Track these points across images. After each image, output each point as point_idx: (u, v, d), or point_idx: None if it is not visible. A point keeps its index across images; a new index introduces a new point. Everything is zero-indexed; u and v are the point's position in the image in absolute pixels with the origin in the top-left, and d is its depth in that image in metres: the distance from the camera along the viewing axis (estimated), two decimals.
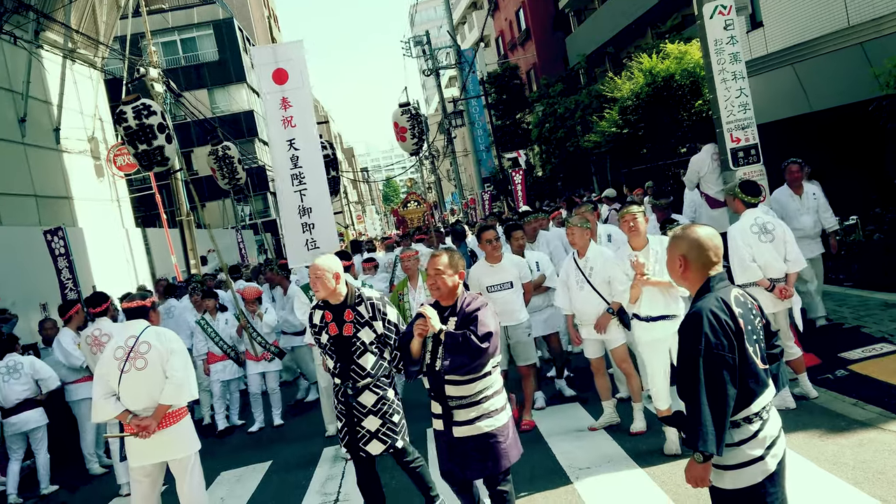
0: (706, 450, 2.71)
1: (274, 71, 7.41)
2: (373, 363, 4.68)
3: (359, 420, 4.68)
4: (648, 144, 17.97)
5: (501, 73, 35.90)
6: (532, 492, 5.29)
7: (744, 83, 7.91)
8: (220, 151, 14.37)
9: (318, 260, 4.75)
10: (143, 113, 8.61)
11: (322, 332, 4.77)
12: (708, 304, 2.82)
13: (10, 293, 11.72)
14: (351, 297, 4.75)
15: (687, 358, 2.79)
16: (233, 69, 41.97)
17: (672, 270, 3.04)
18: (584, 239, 6.28)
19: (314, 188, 7.43)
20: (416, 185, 69.64)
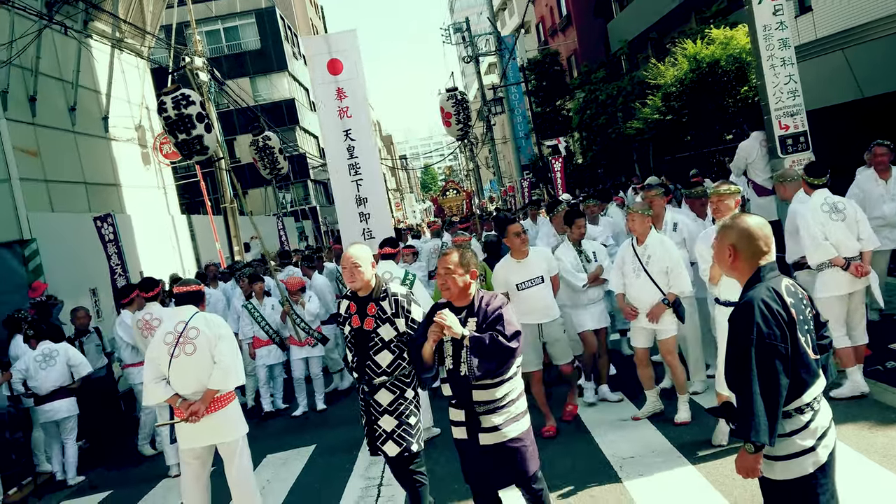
0: (759, 440, 2.69)
1: (328, 61, 7.39)
2: (389, 361, 4.51)
3: (375, 418, 4.55)
4: (692, 131, 17.74)
5: (542, 59, 35.65)
6: (577, 484, 5.29)
7: (793, 69, 7.76)
8: (261, 142, 14.55)
9: (353, 249, 4.59)
10: (181, 103, 8.73)
11: (346, 322, 4.65)
12: (759, 294, 2.79)
13: (61, 279, 12.01)
14: (377, 291, 4.58)
15: (738, 348, 2.77)
16: (274, 57, 42.32)
17: (721, 260, 3.01)
18: (644, 226, 6.16)
19: (369, 178, 7.44)
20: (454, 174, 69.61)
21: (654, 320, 6.08)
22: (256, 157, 14.77)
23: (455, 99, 11.22)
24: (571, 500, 5.03)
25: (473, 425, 3.98)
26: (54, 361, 7.97)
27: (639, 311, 6.18)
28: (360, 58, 7.45)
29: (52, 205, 13.09)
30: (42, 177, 12.91)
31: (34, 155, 12.75)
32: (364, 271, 4.52)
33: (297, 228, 34.63)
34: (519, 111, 39.98)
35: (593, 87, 25.88)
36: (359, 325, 4.54)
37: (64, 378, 7.98)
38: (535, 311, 6.26)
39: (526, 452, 4.02)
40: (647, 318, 6.11)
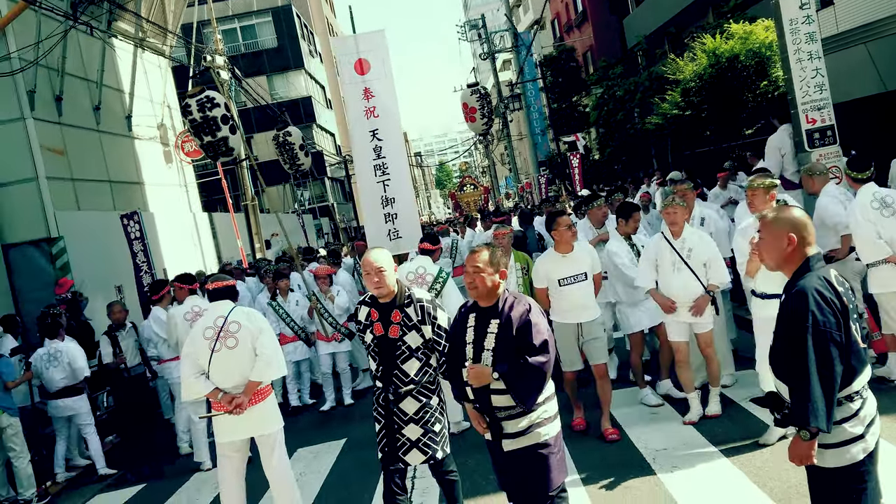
0: (818, 426, 2.71)
1: (356, 61, 7.39)
2: (417, 369, 4.39)
3: (399, 428, 4.40)
4: (712, 126, 17.68)
5: (557, 55, 35.58)
6: (611, 476, 5.34)
7: (820, 63, 7.76)
8: (281, 137, 14.66)
9: (375, 253, 4.41)
10: (206, 105, 8.80)
11: (367, 330, 4.47)
12: (812, 283, 2.83)
13: (87, 276, 12.19)
14: (401, 297, 4.42)
15: (793, 336, 2.80)
16: (291, 55, 42.47)
17: (774, 250, 2.99)
18: (683, 219, 6.09)
19: (397, 178, 7.42)
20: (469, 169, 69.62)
21: (699, 313, 5.96)
22: (278, 153, 14.90)
23: (479, 94, 11.25)
24: (606, 492, 5.08)
25: (496, 430, 3.82)
26: (58, 362, 8.05)
27: (678, 305, 6.04)
28: (388, 57, 7.44)
29: (78, 203, 13.26)
30: (69, 175, 13.08)
31: (61, 154, 12.92)
32: (388, 276, 4.37)
33: (315, 226, 34.83)
34: (535, 107, 39.97)
35: (611, 82, 25.83)
36: (382, 332, 4.38)
37: (68, 378, 8.06)
38: (576, 309, 6.07)
39: (553, 462, 3.80)
40: (692, 311, 5.98)
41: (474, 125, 11.50)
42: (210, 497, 6.68)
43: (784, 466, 4.64)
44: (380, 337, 4.40)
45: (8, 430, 7.37)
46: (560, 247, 6.11)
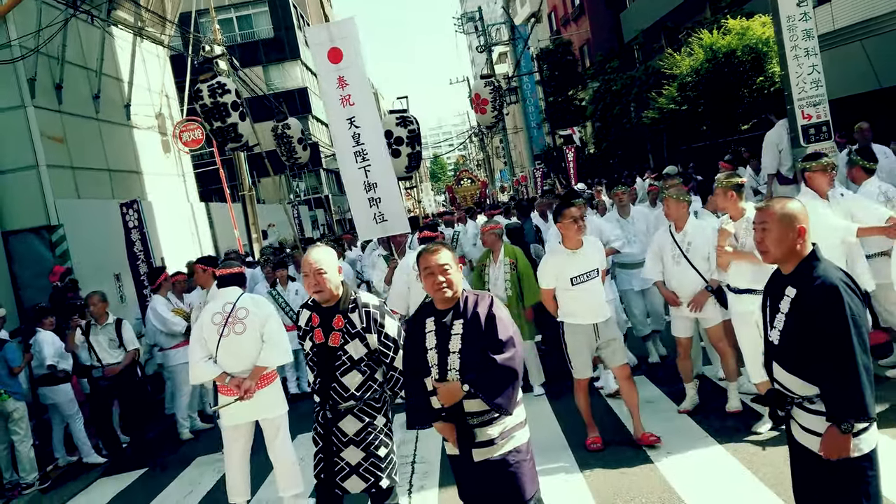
0: (872, 414, 2.76)
1: (329, 50, 7.38)
2: (359, 383, 3.97)
3: (337, 450, 3.99)
4: (708, 121, 17.83)
5: (554, 49, 35.66)
6: (608, 463, 5.46)
7: (816, 59, 7.89)
8: (280, 129, 14.71)
9: (316, 253, 4.01)
10: (217, 91, 8.87)
11: (306, 337, 4.08)
12: (836, 274, 2.87)
13: (86, 264, 12.24)
14: (344, 301, 4.03)
15: (831, 331, 2.79)
16: (287, 46, 42.44)
17: (783, 242, 2.97)
18: (680, 212, 6.02)
19: (377, 163, 7.45)
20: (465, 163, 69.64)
21: (697, 308, 5.94)
22: (276, 145, 14.94)
23: (493, 86, 11.29)
24: (603, 478, 5.20)
25: (466, 439, 3.48)
26: (34, 351, 8.13)
27: (681, 299, 6.02)
28: (358, 45, 7.41)
29: (78, 191, 13.30)
30: (68, 163, 13.11)
31: (60, 142, 12.95)
32: (330, 278, 3.97)
33: (311, 217, 34.87)
34: (531, 101, 40.05)
35: (608, 76, 25.94)
36: (322, 340, 3.98)
37: (41, 366, 8.07)
38: (592, 310, 5.61)
39: (525, 470, 3.53)
40: (690, 306, 5.96)
41: (484, 117, 11.56)
42: (213, 481, 6.79)
43: (777, 453, 4.78)
44: (319, 345, 3.99)
45: (14, 414, 7.46)
46: (568, 242, 5.64)
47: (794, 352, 2.94)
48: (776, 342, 3.03)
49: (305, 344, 4.10)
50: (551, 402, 7.18)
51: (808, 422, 2.97)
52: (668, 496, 4.73)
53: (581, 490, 5.05)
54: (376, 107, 7.82)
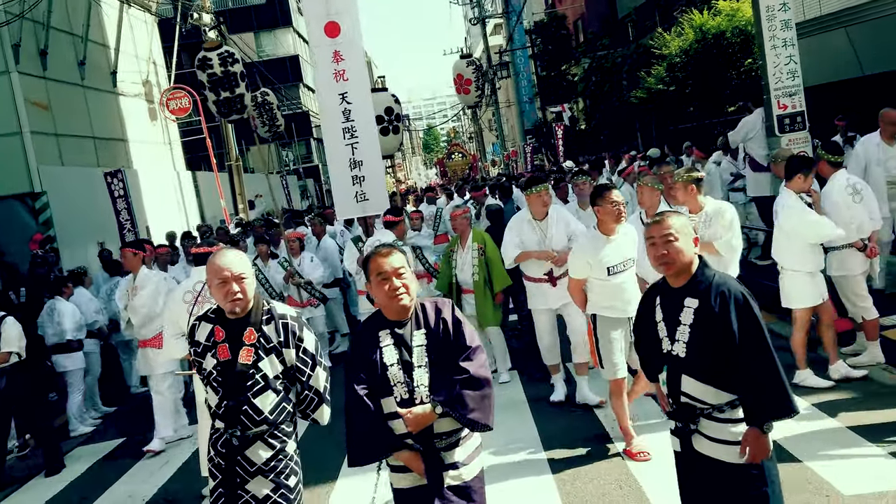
0: (797, 410, 2.90)
1: (326, 24, 7.29)
2: (273, 405, 3.44)
3: (242, 482, 3.46)
4: (696, 102, 17.87)
5: (548, 22, 35.47)
6: (573, 448, 5.54)
7: (794, 50, 7.95)
8: (260, 97, 14.60)
9: (227, 258, 3.44)
10: (228, 60, 8.73)
11: (207, 354, 3.46)
12: (733, 280, 3.03)
13: (69, 232, 12.31)
14: (257, 312, 3.48)
15: (752, 332, 2.88)
16: (279, 12, 42.05)
17: (689, 252, 3.06)
18: (653, 200, 5.90)
19: (365, 141, 7.40)
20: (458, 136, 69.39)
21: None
22: (255, 114, 14.81)
23: (475, 65, 11.22)
24: (564, 457, 5.34)
25: (434, 466, 3.11)
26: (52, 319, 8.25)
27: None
28: (357, 20, 7.36)
29: (62, 158, 13.31)
30: (52, 130, 13.10)
31: (45, 108, 12.93)
32: (250, 285, 3.46)
33: (300, 187, 34.83)
34: (524, 75, 39.91)
35: (599, 53, 25.88)
36: (228, 357, 3.42)
37: (57, 336, 8.22)
38: (629, 301, 5.10)
39: (484, 500, 3.26)
40: None
41: (467, 97, 11.50)
42: (189, 452, 6.92)
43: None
44: (225, 363, 3.42)
45: None
46: (605, 227, 5.16)
47: (706, 361, 2.97)
48: (682, 355, 3.03)
49: (205, 362, 3.44)
50: (524, 385, 7.28)
51: (716, 432, 3.00)
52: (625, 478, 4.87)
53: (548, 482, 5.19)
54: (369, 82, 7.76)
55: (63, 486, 6.75)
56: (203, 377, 3.49)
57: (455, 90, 11.77)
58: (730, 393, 2.97)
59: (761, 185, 9.17)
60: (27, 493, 6.79)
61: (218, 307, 3.49)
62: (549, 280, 6.25)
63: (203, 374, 3.48)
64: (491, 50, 41.71)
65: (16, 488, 6.96)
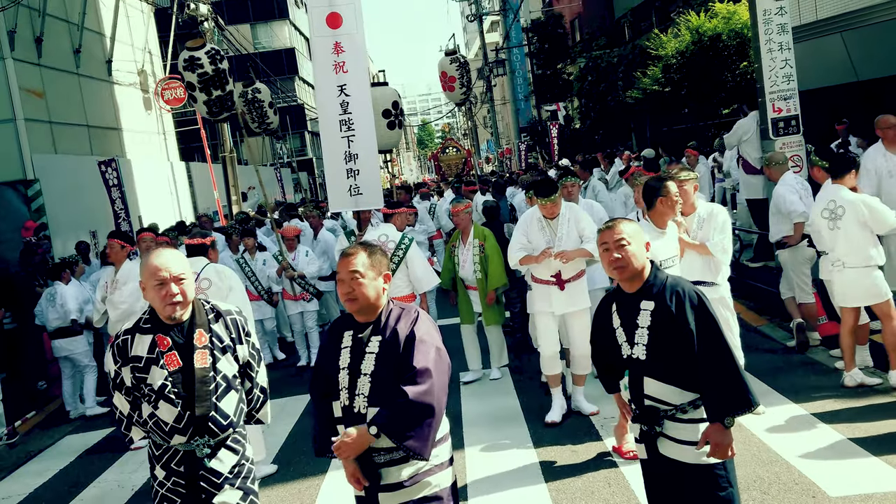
0: (757, 401, 2.97)
1: (328, 14, 7.13)
2: (235, 405, 3.22)
3: (208, 498, 3.16)
4: (691, 104, 17.94)
5: (545, 20, 35.51)
6: (560, 440, 5.62)
7: (789, 54, 8.00)
8: (251, 94, 14.43)
9: (164, 257, 3.15)
10: (216, 58, 8.61)
11: (151, 367, 3.11)
12: (677, 278, 3.14)
13: (62, 220, 12.28)
14: (201, 312, 3.23)
15: (709, 330, 2.96)
16: (276, 5, 41.95)
17: (642, 256, 3.12)
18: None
19: (362, 134, 7.23)
20: (452, 132, 69.42)
21: None
22: (245, 111, 14.67)
23: (458, 62, 11.14)
24: (554, 455, 5.39)
25: (372, 481, 2.96)
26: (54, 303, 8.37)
27: None
28: (360, 12, 7.23)
29: (55, 146, 13.26)
30: (46, 118, 13.06)
31: (40, 96, 12.88)
32: (190, 285, 3.18)
33: (294, 180, 34.79)
34: (520, 73, 39.94)
35: (595, 53, 25.92)
36: (180, 365, 3.12)
37: (60, 319, 8.32)
38: None
39: None
40: None
41: (452, 94, 11.42)
42: None
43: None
44: (177, 371, 3.11)
45: None
46: (661, 220, 5.09)
47: (667, 361, 3.02)
48: (643, 357, 3.06)
49: (150, 376, 3.10)
50: (513, 376, 7.35)
51: (680, 433, 3.03)
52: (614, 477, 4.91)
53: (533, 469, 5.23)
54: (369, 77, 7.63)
55: (52, 474, 6.75)
56: (147, 394, 3.12)
57: (442, 88, 11.63)
58: (692, 392, 3.02)
59: (754, 187, 9.23)
60: (16, 482, 6.79)
61: (150, 315, 3.20)
62: (556, 282, 5.85)
63: (146, 390, 3.12)
64: (487, 47, 41.74)
65: (2, 477, 6.96)
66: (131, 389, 3.17)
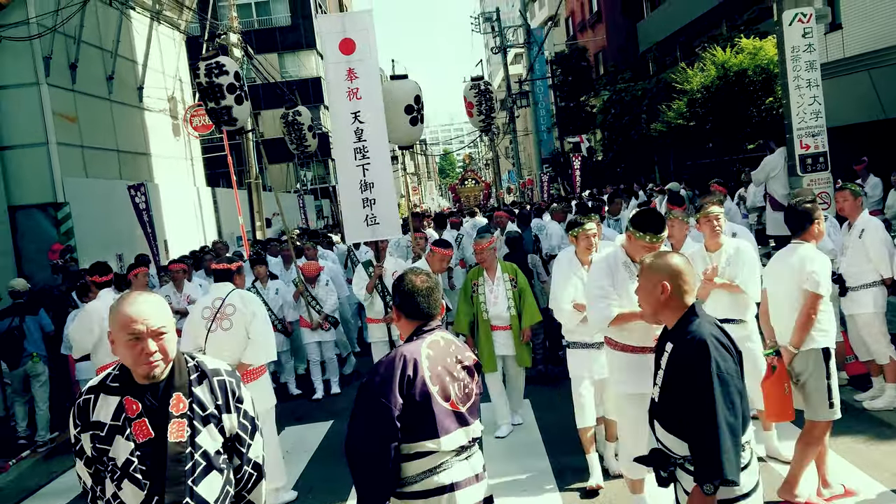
0: (732, 478, 2.65)
1: (341, 41, 7.10)
2: (219, 490, 2.58)
3: None
4: (716, 138, 17.93)
5: (569, 54, 35.74)
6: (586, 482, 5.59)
7: (818, 91, 7.99)
8: (291, 116, 14.73)
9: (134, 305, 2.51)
10: (214, 71, 8.68)
11: (114, 438, 2.50)
12: (706, 329, 2.80)
13: (90, 243, 12.43)
14: (181, 371, 2.58)
15: (696, 386, 2.72)
16: (304, 35, 42.55)
17: (649, 295, 2.96)
18: (682, 233, 5.84)
19: (377, 163, 7.14)
20: (473, 162, 69.68)
21: None
22: (285, 132, 14.98)
23: (478, 89, 11.11)
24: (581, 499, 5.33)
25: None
26: None
27: None
28: (374, 39, 7.15)
29: (86, 170, 13.46)
30: (78, 142, 13.28)
31: (73, 121, 13.11)
32: (171, 340, 2.56)
33: (316, 206, 35.04)
34: (543, 104, 40.15)
35: (619, 86, 26.04)
36: (151, 435, 2.49)
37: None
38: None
39: None
40: None
41: (473, 120, 11.41)
42: None
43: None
44: (147, 444, 2.49)
45: (41, 376, 8.31)
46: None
47: (671, 408, 2.86)
48: (657, 399, 2.95)
49: (114, 448, 2.48)
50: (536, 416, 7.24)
51: (688, 485, 2.83)
52: None
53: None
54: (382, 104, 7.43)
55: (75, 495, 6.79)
56: (111, 469, 2.49)
57: (467, 113, 11.65)
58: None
59: (781, 224, 9.14)
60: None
61: (120, 371, 2.57)
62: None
63: (108, 465, 2.49)
64: (511, 79, 42.02)
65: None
66: (92, 461, 2.53)
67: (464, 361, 3.10)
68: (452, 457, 2.97)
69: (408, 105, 8.25)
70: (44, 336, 8.55)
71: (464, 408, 3.01)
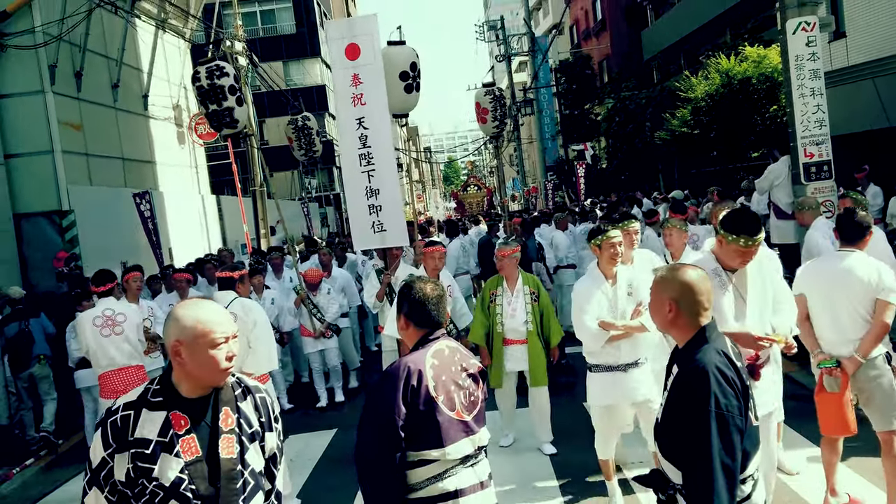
0: None
1: (347, 46, 6.99)
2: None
3: None
4: (720, 146, 17.93)
5: (573, 62, 35.80)
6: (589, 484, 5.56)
7: (822, 99, 7.98)
8: (300, 122, 14.81)
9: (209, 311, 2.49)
10: (215, 73, 8.74)
11: (159, 456, 2.31)
12: (712, 359, 2.56)
13: (94, 251, 12.44)
14: (227, 386, 2.51)
15: (693, 418, 2.52)
16: (308, 43, 42.70)
17: (658, 314, 2.76)
18: (681, 241, 5.78)
19: (383, 169, 7.04)
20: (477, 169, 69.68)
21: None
22: (293, 137, 15.02)
23: (493, 95, 11.12)
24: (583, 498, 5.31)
25: None
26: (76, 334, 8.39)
27: None
28: (378, 44, 7.09)
29: (90, 178, 13.49)
30: (83, 150, 13.31)
31: (78, 129, 13.15)
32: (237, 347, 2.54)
33: (321, 214, 35.06)
34: (547, 112, 40.20)
35: (624, 94, 26.07)
36: (199, 454, 2.34)
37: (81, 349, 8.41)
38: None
39: None
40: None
41: (485, 126, 11.33)
42: None
43: None
44: (195, 461, 2.33)
45: (47, 379, 8.66)
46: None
47: (668, 436, 2.68)
48: (659, 419, 2.76)
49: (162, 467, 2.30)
50: None
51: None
52: None
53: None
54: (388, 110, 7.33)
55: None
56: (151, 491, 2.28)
57: (477, 120, 11.61)
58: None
59: (785, 232, 9.16)
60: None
61: (162, 385, 2.41)
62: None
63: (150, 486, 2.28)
64: (515, 87, 42.08)
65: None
66: (124, 485, 2.31)
67: (469, 369, 3.11)
68: (458, 464, 2.98)
69: (403, 72, 8.16)
70: (46, 338, 8.83)
71: (469, 416, 3.02)
